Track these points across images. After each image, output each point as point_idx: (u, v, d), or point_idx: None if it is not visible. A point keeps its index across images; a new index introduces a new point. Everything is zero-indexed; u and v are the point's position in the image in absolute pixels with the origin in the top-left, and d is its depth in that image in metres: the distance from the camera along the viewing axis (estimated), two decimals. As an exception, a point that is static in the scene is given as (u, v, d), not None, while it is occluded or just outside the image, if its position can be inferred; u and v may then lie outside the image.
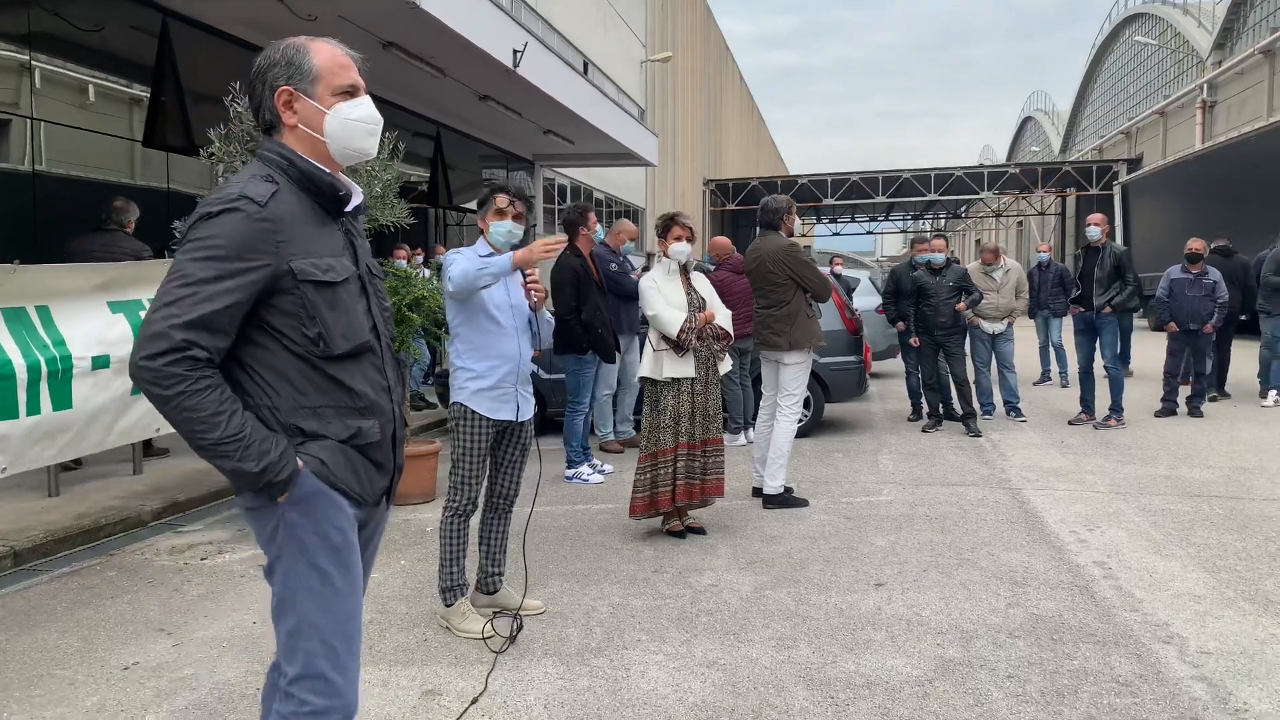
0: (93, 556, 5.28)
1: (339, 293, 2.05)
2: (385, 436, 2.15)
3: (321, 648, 2.04)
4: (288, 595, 2.04)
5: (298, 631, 2.04)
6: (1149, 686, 3.33)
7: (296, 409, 2.03)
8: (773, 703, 3.27)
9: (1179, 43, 42.26)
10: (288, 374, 2.02)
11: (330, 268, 2.04)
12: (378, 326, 2.17)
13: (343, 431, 2.06)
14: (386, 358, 2.19)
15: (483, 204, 4.16)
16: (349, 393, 2.07)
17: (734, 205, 42.15)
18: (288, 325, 2.00)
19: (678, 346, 5.25)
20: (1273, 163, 19.63)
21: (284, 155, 2.08)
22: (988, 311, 9.89)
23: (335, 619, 2.06)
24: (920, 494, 6.42)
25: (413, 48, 11.08)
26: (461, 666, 3.64)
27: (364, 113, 2.14)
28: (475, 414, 3.98)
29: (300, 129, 2.09)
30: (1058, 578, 4.56)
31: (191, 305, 1.88)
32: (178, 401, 1.89)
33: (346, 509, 2.08)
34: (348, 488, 2.07)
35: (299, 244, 2.00)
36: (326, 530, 2.05)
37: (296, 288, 1.99)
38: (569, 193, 23.22)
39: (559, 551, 5.16)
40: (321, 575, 2.04)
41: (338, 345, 2.04)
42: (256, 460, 1.93)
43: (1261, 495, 6.16)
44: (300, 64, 2.10)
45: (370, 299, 2.16)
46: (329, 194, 2.10)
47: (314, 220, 2.07)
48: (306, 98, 2.09)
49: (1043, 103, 74.19)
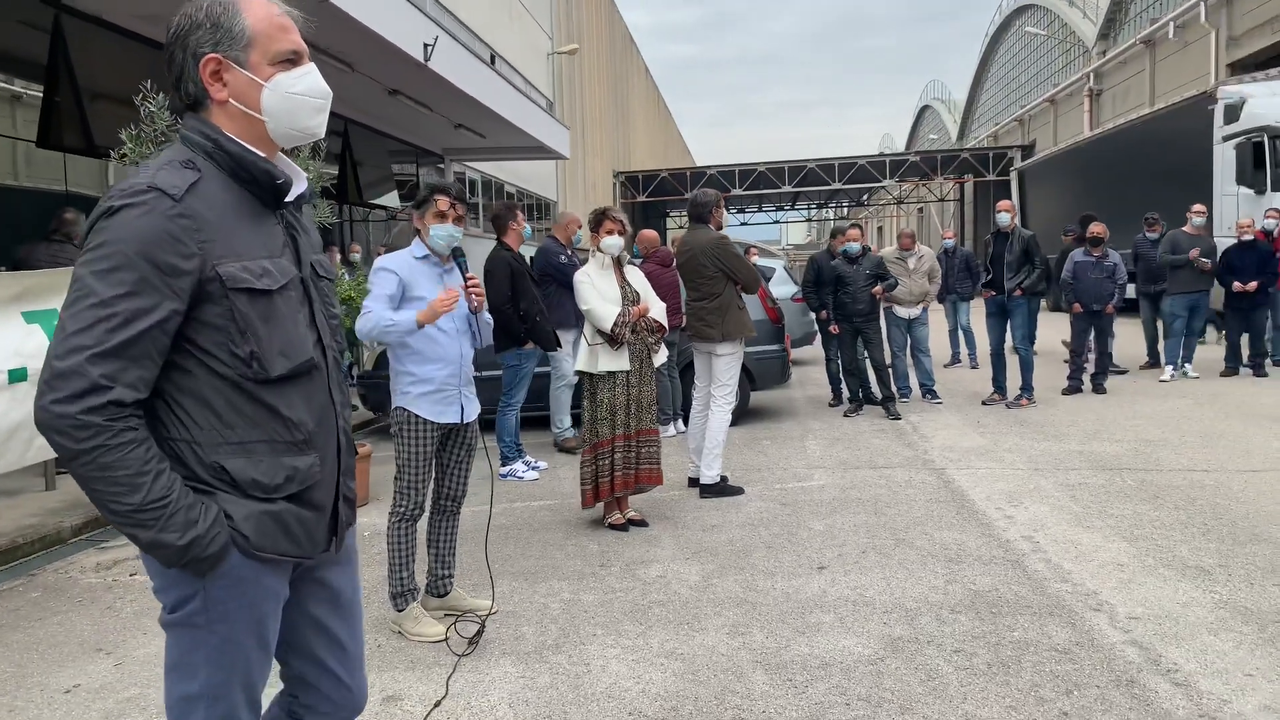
0: (13, 577, 5.07)
1: (275, 302, 1.73)
2: (328, 472, 1.84)
3: (220, 718, 1.78)
4: (192, 662, 1.76)
5: (197, 698, 1.76)
6: (1086, 653, 3.51)
7: (220, 444, 1.70)
8: (733, 688, 3.34)
9: (1066, 33, 43.91)
10: (212, 402, 1.69)
11: (266, 272, 1.72)
12: (323, 339, 1.85)
13: (276, 474, 1.74)
14: (333, 375, 1.88)
15: (421, 204, 4.09)
16: (285, 424, 1.75)
17: (644, 197, 42.25)
18: (213, 343, 1.68)
19: (612, 340, 5.28)
20: (1155, 148, 20.58)
21: (209, 136, 1.73)
22: (902, 297, 10.17)
23: (243, 686, 1.80)
24: (850, 477, 6.59)
25: (321, 42, 10.82)
26: (419, 671, 3.62)
27: (309, 84, 1.79)
28: (418, 418, 3.95)
29: (231, 105, 1.74)
30: (990, 553, 4.75)
31: (106, 332, 1.55)
32: (92, 457, 1.56)
33: (280, 575, 1.81)
34: (283, 554, 1.77)
35: (226, 244, 1.67)
36: (256, 601, 1.76)
37: (225, 297, 1.66)
38: (480, 187, 22.99)
39: (504, 550, 5.15)
40: (237, 647, 1.76)
41: (275, 366, 1.72)
42: (180, 532, 1.62)
43: (1168, 466, 6.49)
44: (230, 26, 1.73)
45: (314, 305, 1.85)
46: (265, 183, 1.76)
47: (246, 214, 1.74)
48: (238, 67, 1.73)
49: (939, 91, 76.29)
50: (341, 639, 2.01)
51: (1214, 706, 3.05)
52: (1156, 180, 19.83)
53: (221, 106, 1.75)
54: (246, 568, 1.73)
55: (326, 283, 1.93)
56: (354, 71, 12.01)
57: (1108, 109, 35.99)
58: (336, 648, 2.00)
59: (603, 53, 38.63)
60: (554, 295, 7.65)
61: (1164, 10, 32.32)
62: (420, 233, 4.08)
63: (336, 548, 1.92)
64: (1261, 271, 10.66)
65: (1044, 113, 43.19)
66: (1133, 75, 33.94)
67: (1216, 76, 25.66)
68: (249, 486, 1.72)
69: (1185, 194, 15.06)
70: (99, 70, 9.42)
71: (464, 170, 21.46)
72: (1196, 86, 22.15)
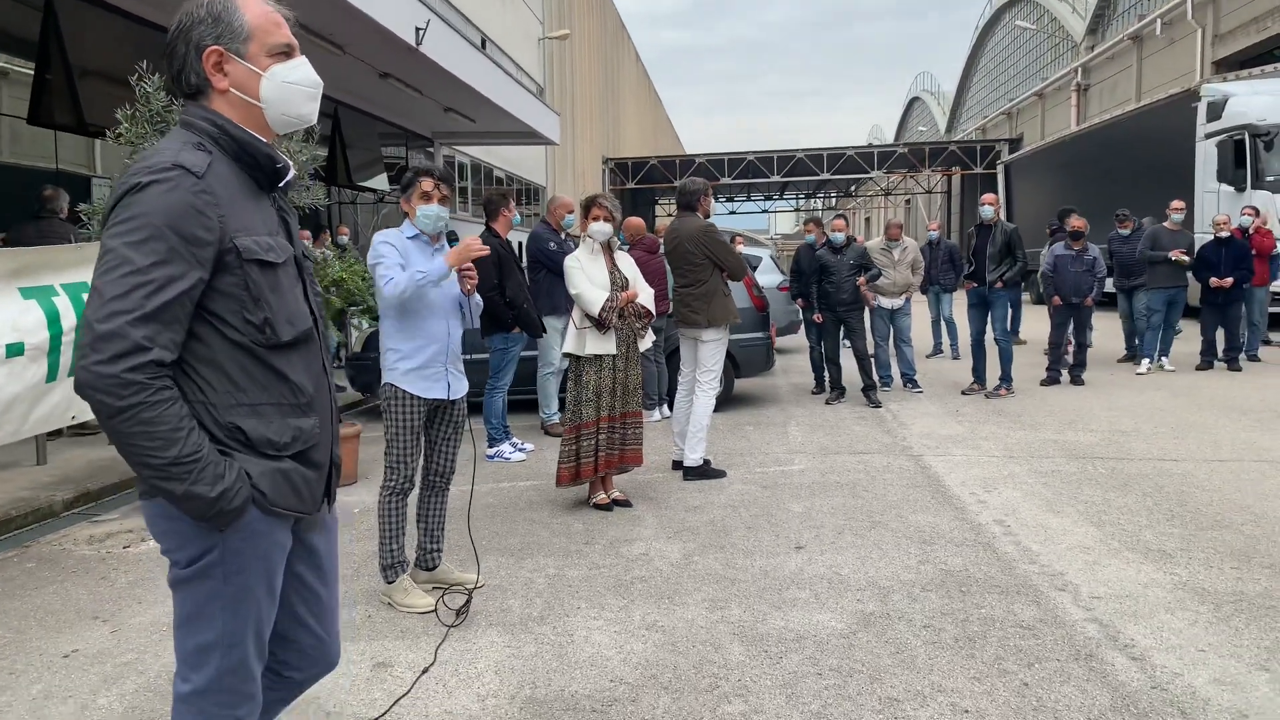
0: (7, 549, 5.16)
1: (279, 275, 1.89)
2: (325, 434, 2.01)
3: (236, 663, 1.92)
4: (207, 611, 1.89)
5: (213, 646, 1.90)
6: (1049, 629, 3.66)
7: (235, 406, 1.83)
8: (711, 659, 3.48)
9: (1055, 27, 44.10)
10: (225, 367, 1.83)
11: (271, 247, 1.87)
12: (315, 313, 2.02)
13: (285, 433, 1.89)
14: (323, 346, 2.06)
15: (407, 187, 4.18)
16: (291, 387, 1.90)
17: (633, 184, 42.33)
18: (229, 310, 1.81)
19: (599, 324, 5.40)
20: (1139, 144, 20.81)
21: (216, 123, 1.87)
22: (886, 288, 10.31)
23: (255, 633, 1.94)
24: (830, 462, 6.74)
25: (313, 25, 10.86)
26: (409, 640, 3.74)
27: (303, 75, 1.95)
28: (406, 394, 4.06)
29: (233, 93, 1.89)
30: (962, 536, 4.90)
31: (143, 297, 1.68)
32: (134, 413, 1.68)
33: (286, 528, 1.97)
34: (291, 509, 1.93)
35: (239, 220, 1.82)
36: (268, 552, 1.92)
37: (240, 267, 1.81)
38: (469, 171, 23.02)
39: (490, 528, 5.28)
40: (251, 595, 1.91)
41: (284, 332, 1.88)
42: (211, 484, 1.74)
43: (1139, 455, 6.67)
44: (230, 21, 1.88)
45: (306, 283, 2.02)
46: (267, 166, 1.92)
47: (249, 195, 1.89)
48: (239, 59, 1.88)
49: (928, 83, 76.41)
50: (320, 595, 2.15)
51: (1166, 679, 3.21)
52: (1140, 176, 20.06)
53: (223, 95, 1.89)
54: (261, 522, 1.88)
55: (309, 263, 2.09)
56: (345, 54, 12.05)
57: (1095, 104, 36.22)
58: (315, 603, 2.15)
59: (594, 38, 38.59)
60: (545, 281, 7.75)
61: (1151, 7, 32.51)
62: (408, 215, 4.18)
63: (329, 506, 2.11)
64: (1237, 268, 10.85)
65: (1032, 106, 43.41)
66: (1120, 71, 34.16)
67: (1202, 74, 25.89)
68: (262, 445, 1.86)
69: (1168, 190, 15.29)
70: (90, 48, 9.46)
71: (453, 154, 21.51)
72: (1182, 83, 22.35)
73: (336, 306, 6.48)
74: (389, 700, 3.20)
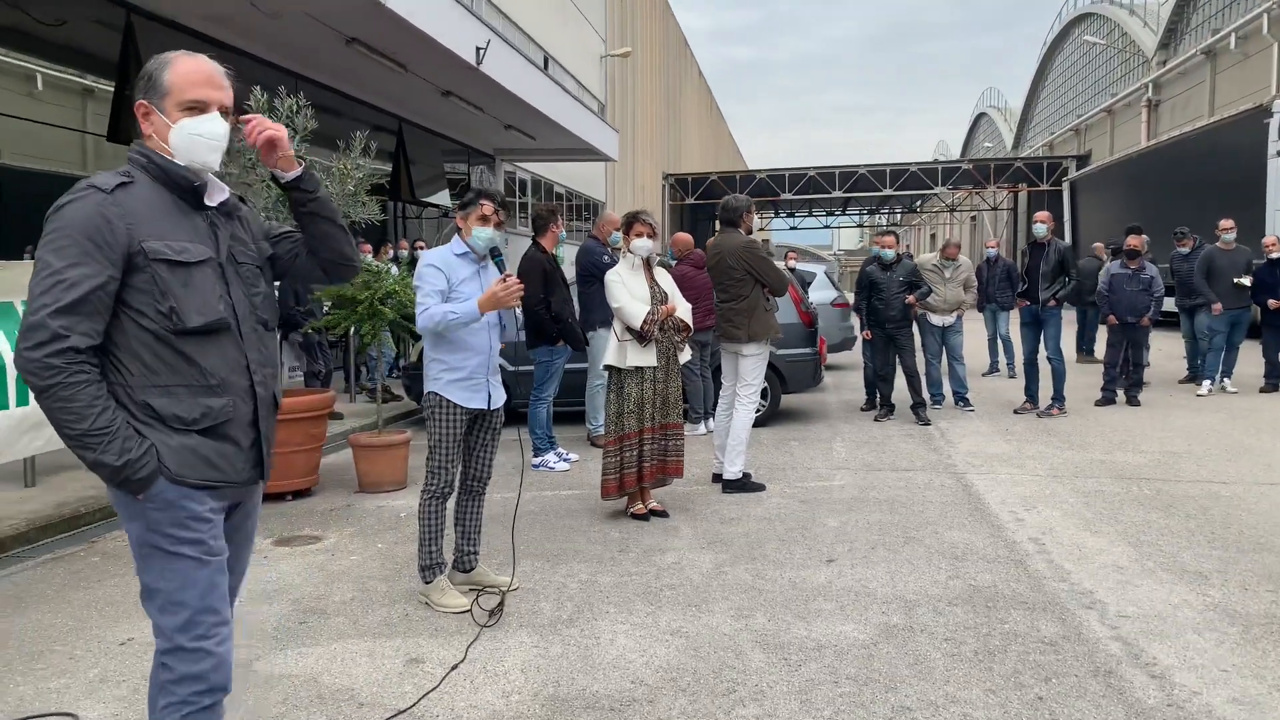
0: (75, 544, 5.45)
1: (193, 273, 2.16)
2: (241, 414, 2.25)
3: (185, 623, 2.17)
4: (150, 580, 2.18)
5: (164, 609, 2.17)
6: (1070, 645, 3.67)
7: (148, 386, 2.13)
8: (731, 664, 3.56)
9: (1125, 42, 43.28)
10: (140, 353, 2.12)
11: (184, 249, 2.16)
12: (236, 309, 2.25)
13: (194, 410, 2.16)
14: (250, 339, 2.28)
15: (466, 205, 4.36)
16: (199, 370, 2.17)
17: (693, 199, 42.50)
18: (142, 302, 2.11)
19: (640, 337, 5.53)
20: (1212, 161, 20.35)
21: (144, 154, 2.21)
22: (937, 305, 10.24)
23: (198, 595, 2.18)
24: (871, 479, 6.76)
25: (376, 44, 11.23)
26: (442, 638, 3.89)
27: (207, 129, 2.20)
28: (449, 403, 4.23)
29: (154, 139, 2.21)
30: (995, 553, 4.91)
31: (60, 293, 2.01)
32: (54, 392, 2.01)
33: (207, 500, 2.20)
34: (205, 480, 2.18)
35: (151, 228, 2.12)
36: (184, 522, 2.16)
37: (149, 265, 2.10)
38: (530, 187, 23.38)
39: (530, 534, 5.42)
40: (181, 560, 2.16)
41: (191, 320, 2.14)
42: (117, 455, 2.05)
43: (1188, 478, 6.58)
44: (157, 79, 2.19)
45: (230, 284, 2.25)
46: (185, 186, 2.21)
47: (174, 210, 2.19)
48: (158, 112, 2.19)
49: (995, 99, 75.44)
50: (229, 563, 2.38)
51: (1184, 697, 3.21)
52: (1210, 194, 19.61)
53: (149, 140, 2.23)
54: (173, 491, 2.16)
55: (248, 268, 2.34)
56: (408, 73, 12.39)
57: (1166, 120, 35.45)
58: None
59: (656, 55, 38.92)
60: (597, 293, 7.90)
61: (1226, 21, 31.76)
62: (461, 231, 4.36)
63: (265, 480, 2.40)
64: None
65: (1101, 123, 42.64)
66: (1193, 86, 33.42)
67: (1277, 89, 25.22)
68: (171, 420, 2.16)
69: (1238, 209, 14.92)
70: (166, 68, 9.88)
71: (514, 170, 21.87)
72: (1256, 99, 21.82)
73: (389, 317, 6.68)
74: (418, 694, 3.35)
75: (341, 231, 2.53)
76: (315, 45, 11.08)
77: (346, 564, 4.97)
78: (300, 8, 9.50)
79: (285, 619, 4.14)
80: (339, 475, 7.17)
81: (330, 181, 6.46)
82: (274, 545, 5.36)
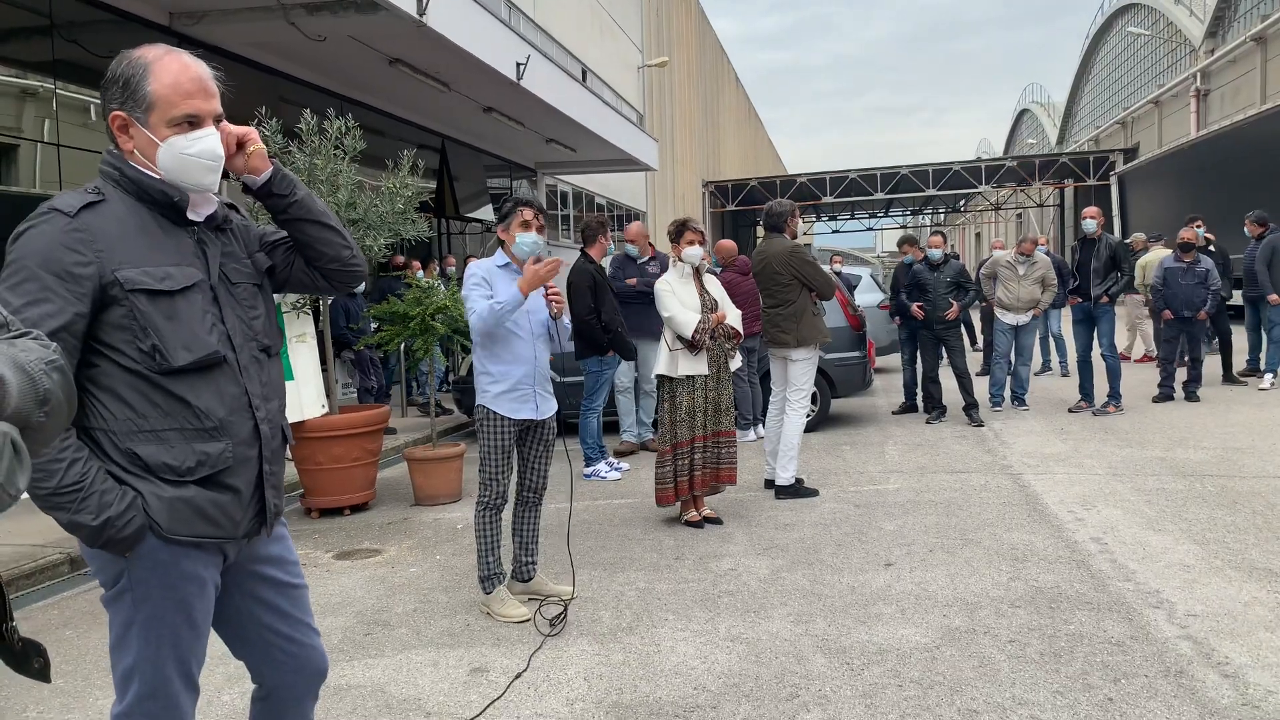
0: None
1: (177, 303, 1.89)
2: (242, 459, 1.97)
3: (154, 689, 1.94)
4: (126, 638, 1.93)
5: (132, 670, 1.94)
6: (1139, 645, 3.62)
7: (134, 433, 1.86)
8: (794, 669, 3.56)
9: (1171, 32, 42.51)
10: (123, 394, 1.86)
11: (167, 276, 1.89)
12: (232, 338, 1.99)
13: (188, 458, 1.89)
14: (250, 370, 2.01)
15: (505, 216, 4.42)
16: (194, 412, 1.89)
17: (734, 206, 42.44)
18: (121, 340, 1.85)
19: (692, 346, 5.55)
20: (1266, 149, 19.90)
21: (115, 165, 1.94)
22: (1010, 303, 9.80)
23: (176, 661, 1.95)
24: (925, 481, 6.70)
25: (419, 64, 11.41)
26: (504, 647, 3.94)
27: (203, 148, 1.93)
28: (497, 414, 4.28)
29: (136, 155, 1.94)
30: (1056, 553, 4.85)
31: None
32: None
33: (205, 560, 1.95)
34: (199, 536, 1.92)
35: (126, 253, 1.85)
36: (174, 584, 1.91)
37: (126, 298, 1.84)
38: (571, 199, 23.54)
39: (585, 543, 5.46)
40: (163, 623, 1.92)
41: (178, 357, 1.88)
42: (95, 513, 1.79)
43: (1252, 473, 6.44)
44: (136, 89, 1.90)
45: (223, 309, 1.99)
46: (164, 202, 1.94)
47: (153, 229, 1.92)
48: (141, 126, 1.91)
49: (1038, 94, 74.50)
50: (283, 607, 2.16)
51: (1259, 696, 3.15)
52: (1266, 183, 19.17)
53: (130, 155, 1.95)
54: (165, 551, 1.90)
55: (244, 288, 2.07)
56: (450, 90, 12.57)
57: (1215, 109, 34.71)
58: (284, 617, 2.16)
59: (693, 63, 38.99)
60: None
61: (1275, 6, 31.06)
62: (504, 243, 4.41)
63: (268, 531, 2.09)
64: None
65: (1148, 115, 41.87)
66: (1243, 74, 32.68)
67: (1332, 74, 24.60)
68: (161, 470, 1.88)
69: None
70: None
71: (555, 183, 22.04)
72: (1309, 85, 21.32)
73: (441, 332, 6.78)
74: (483, 703, 3.39)
75: (334, 233, 2.19)
76: (359, 67, 11.27)
77: (407, 576, 5.04)
78: (343, 30, 9.69)
79: (350, 631, 4.22)
80: (395, 489, 7.27)
81: (380, 201, 6.57)
82: (335, 559, 5.45)
